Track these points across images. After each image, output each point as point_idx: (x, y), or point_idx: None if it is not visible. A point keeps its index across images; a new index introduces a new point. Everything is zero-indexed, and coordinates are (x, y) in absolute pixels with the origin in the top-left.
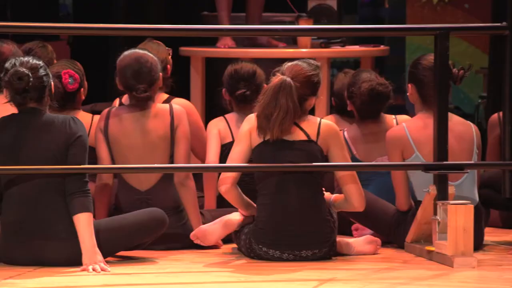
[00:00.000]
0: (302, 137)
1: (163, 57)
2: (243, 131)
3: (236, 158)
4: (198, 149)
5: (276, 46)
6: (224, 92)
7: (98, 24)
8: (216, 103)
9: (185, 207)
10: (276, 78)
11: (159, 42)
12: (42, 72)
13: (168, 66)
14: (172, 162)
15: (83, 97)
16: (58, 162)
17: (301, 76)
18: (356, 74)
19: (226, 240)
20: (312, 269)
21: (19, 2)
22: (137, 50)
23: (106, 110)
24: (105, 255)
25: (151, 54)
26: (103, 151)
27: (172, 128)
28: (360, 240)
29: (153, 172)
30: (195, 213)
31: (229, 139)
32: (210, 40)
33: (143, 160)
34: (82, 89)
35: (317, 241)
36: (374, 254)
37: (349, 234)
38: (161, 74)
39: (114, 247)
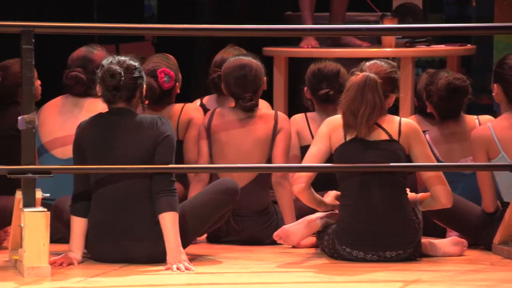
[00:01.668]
0: (384, 136)
1: None
2: (321, 132)
3: (312, 159)
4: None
5: (359, 46)
6: (306, 90)
7: (182, 25)
8: (298, 103)
9: (280, 206)
10: (359, 75)
11: (240, 48)
12: (136, 73)
13: None
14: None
15: (178, 91)
16: (145, 162)
17: (382, 73)
18: (433, 74)
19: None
20: (397, 270)
21: (105, 4)
22: (241, 57)
23: (212, 109)
24: (196, 233)
25: (255, 60)
26: (203, 147)
27: (274, 132)
28: (446, 241)
29: (234, 172)
30: (290, 212)
31: (309, 141)
32: (294, 40)
33: (240, 160)
34: (177, 84)
35: (401, 241)
36: (460, 255)
37: (434, 235)
38: (265, 78)
39: (201, 224)
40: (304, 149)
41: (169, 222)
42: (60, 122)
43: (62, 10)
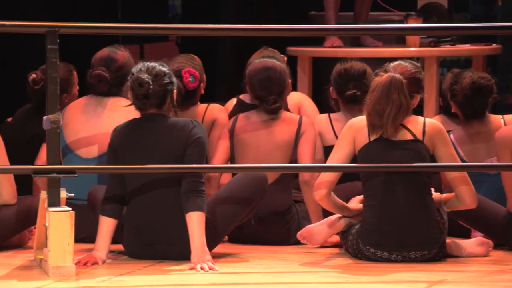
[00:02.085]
0: (409, 136)
1: None
2: (344, 136)
3: (336, 162)
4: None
5: (376, 46)
6: (331, 90)
7: (206, 25)
8: (322, 103)
9: (306, 206)
10: (383, 76)
11: (274, 50)
12: (166, 79)
13: None
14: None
15: (202, 91)
16: (179, 163)
17: (407, 74)
18: (458, 73)
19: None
20: (421, 270)
21: (129, 4)
22: (265, 60)
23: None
24: (229, 224)
25: (279, 62)
26: (221, 146)
27: (298, 136)
28: (471, 241)
29: (256, 171)
30: (316, 211)
31: (332, 141)
32: (318, 40)
33: (261, 161)
34: (202, 84)
35: (426, 242)
36: (485, 256)
37: (459, 235)
38: (290, 80)
39: (229, 222)
40: (327, 149)
41: (195, 221)
42: (84, 121)
43: (87, 11)
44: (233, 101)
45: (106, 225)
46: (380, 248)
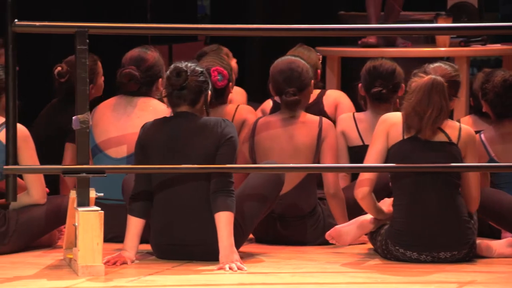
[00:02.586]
0: (443, 138)
1: (314, 62)
2: (378, 131)
3: (373, 159)
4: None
5: (406, 46)
6: (360, 87)
7: (234, 25)
8: (352, 99)
9: (334, 216)
10: (425, 77)
11: (310, 47)
12: (201, 78)
13: (318, 71)
14: None
15: (231, 91)
16: (209, 162)
17: (447, 76)
18: (489, 73)
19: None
20: (451, 271)
21: (158, 4)
22: (289, 57)
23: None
24: (253, 221)
25: (303, 60)
26: (244, 148)
27: (319, 139)
28: (502, 242)
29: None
30: (344, 221)
31: (357, 141)
32: (348, 39)
33: (284, 163)
34: (230, 83)
35: (456, 242)
36: None
37: (489, 236)
38: (312, 81)
39: (253, 211)
40: (351, 149)
41: (224, 221)
42: (114, 121)
43: (116, 11)
44: (270, 102)
45: (134, 225)
46: (409, 249)
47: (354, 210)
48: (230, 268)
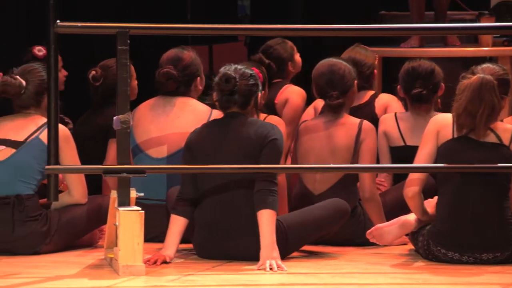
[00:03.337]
0: (493, 139)
1: (370, 62)
2: (428, 131)
3: (423, 161)
4: None
5: (455, 45)
6: (399, 89)
7: (275, 25)
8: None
9: (372, 220)
10: (472, 77)
11: (367, 47)
12: (251, 81)
13: (375, 71)
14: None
15: (263, 102)
16: (252, 163)
17: (496, 75)
18: None
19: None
20: (493, 272)
21: (198, 5)
22: (331, 59)
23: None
24: (293, 249)
25: (344, 62)
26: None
27: (357, 140)
28: None
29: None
30: (379, 221)
31: (399, 142)
32: (390, 39)
33: (322, 164)
34: (263, 92)
35: (499, 244)
36: None
37: None
38: (356, 81)
39: (301, 240)
40: (393, 150)
41: (266, 219)
42: (154, 121)
43: (156, 12)
44: (321, 102)
45: (176, 223)
46: (451, 249)
47: (392, 214)
48: (271, 267)
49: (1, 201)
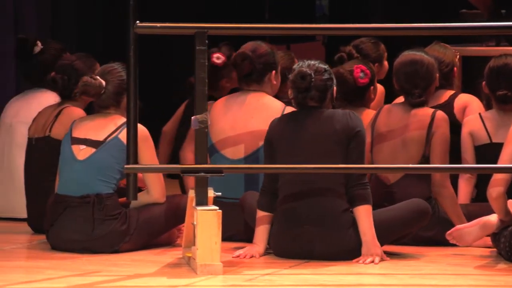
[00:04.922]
0: None
1: (450, 59)
2: None
3: (507, 160)
4: None
5: None
6: (484, 85)
7: (352, 24)
8: (475, 96)
9: (447, 214)
10: None
11: (446, 45)
12: (326, 75)
13: (455, 68)
14: (424, 163)
15: (372, 97)
16: (336, 153)
17: None
18: None
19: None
20: None
21: (276, 4)
22: (414, 53)
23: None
24: (386, 237)
25: (427, 56)
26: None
27: (429, 130)
28: None
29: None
30: (458, 217)
31: (485, 140)
32: (470, 38)
33: (395, 153)
34: (372, 87)
35: None
36: None
37: None
38: (437, 75)
39: (380, 239)
40: (479, 148)
41: (363, 214)
42: (229, 121)
43: (233, 11)
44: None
45: (262, 219)
46: None
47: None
48: (373, 262)
49: (81, 200)
